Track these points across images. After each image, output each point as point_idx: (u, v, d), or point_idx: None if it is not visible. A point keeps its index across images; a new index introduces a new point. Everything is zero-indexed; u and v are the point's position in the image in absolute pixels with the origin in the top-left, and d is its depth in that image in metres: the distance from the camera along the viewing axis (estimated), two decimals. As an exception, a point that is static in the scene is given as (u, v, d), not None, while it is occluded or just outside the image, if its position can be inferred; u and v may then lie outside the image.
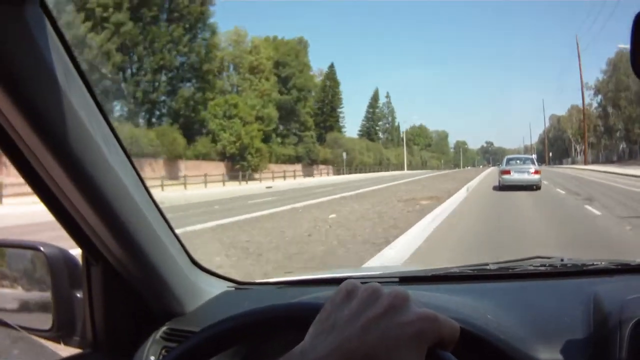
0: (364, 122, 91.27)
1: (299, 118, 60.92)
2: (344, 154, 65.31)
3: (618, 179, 24.44)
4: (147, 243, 1.01)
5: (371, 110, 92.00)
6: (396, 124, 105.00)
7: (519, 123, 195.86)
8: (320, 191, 22.88)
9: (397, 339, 0.50)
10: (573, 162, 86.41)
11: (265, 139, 49.95)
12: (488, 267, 1.31)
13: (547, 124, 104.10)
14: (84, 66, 0.85)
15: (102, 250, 1.00)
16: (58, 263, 1.06)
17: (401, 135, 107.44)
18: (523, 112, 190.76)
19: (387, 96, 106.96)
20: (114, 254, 1.00)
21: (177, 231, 1.13)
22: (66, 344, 1.09)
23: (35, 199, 0.94)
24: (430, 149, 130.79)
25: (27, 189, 0.91)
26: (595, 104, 77.00)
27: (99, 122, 0.88)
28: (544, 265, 1.31)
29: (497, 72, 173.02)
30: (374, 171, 70.14)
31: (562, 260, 1.33)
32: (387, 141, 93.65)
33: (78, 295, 1.07)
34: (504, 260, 1.39)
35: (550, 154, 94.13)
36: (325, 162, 64.07)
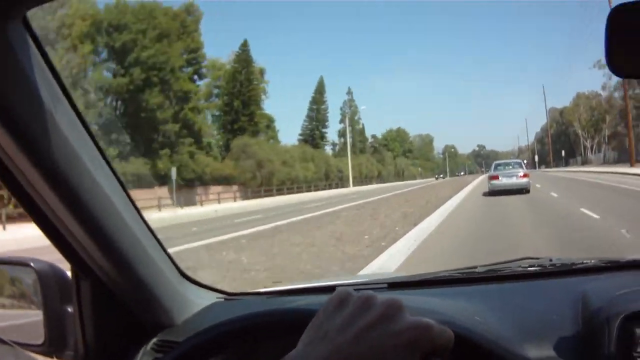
0: (305, 124, 70.30)
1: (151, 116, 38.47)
2: (259, 169, 44.36)
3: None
4: (135, 256, 1.03)
5: (314, 107, 70.46)
6: (360, 125, 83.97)
7: (513, 123, 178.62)
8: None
9: (389, 347, 0.50)
10: (585, 162, 66.13)
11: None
12: (476, 270, 1.31)
13: (547, 119, 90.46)
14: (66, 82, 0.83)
15: (91, 265, 1.02)
16: (48, 278, 1.07)
17: (367, 140, 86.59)
18: (516, 110, 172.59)
19: (349, 92, 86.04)
20: (103, 268, 1.02)
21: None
22: (59, 358, 1.10)
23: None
24: (411, 155, 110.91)
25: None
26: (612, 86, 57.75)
27: (84, 138, 0.90)
28: (533, 266, 1.30)
29: (485, 69, 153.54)
30: (311, 189, 49.30)
31: (550, 260, 1.33)
32: (343, 148, 72.66)
33: (69, 309, 1.08)
34: (493, 262, 1.38)
35: (537, 157, 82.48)
36: (227, 180, 42.73)
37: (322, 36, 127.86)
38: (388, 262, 7.27)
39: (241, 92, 50.81)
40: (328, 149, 73.14)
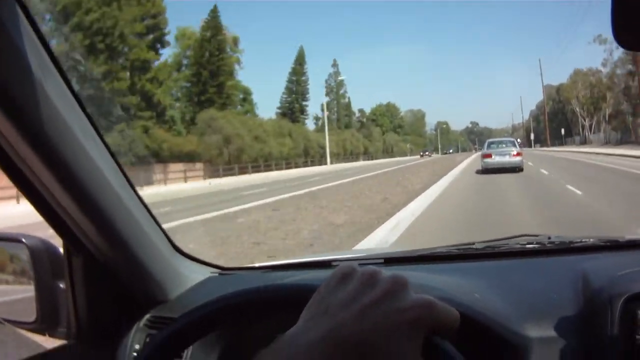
0: (284, 97, 65.71)
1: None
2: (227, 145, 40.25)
3: None
4: (127, 231, 1.01)
5: (294, 79, 65.96)
6: (346, 99, 79.61)
7: (507, 99, 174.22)
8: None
9: (393, 325, 0.48)
10: (584, 142, 62.85)
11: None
12: (474, 247, 1.29)
13: (543, 96, 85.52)
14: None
15: (83, 240, 1.00)
16: (40, 254, 1.05)
17: (353, 115, 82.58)
18: (511, 86, 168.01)
19: (335, 64, 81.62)
20: (95, 243, 1.00)
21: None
22: (51, 335, 1.09)
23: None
24: (402, 131, 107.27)
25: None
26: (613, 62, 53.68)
27: (77, 113, 0.89)
28: (531, 243, 1.29)
29: (479, 42, 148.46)
30: (288, 167, 45.46)
31: (549, 238, 1.32)
32: (330, 122, 68.13)
33: (61, 286, 1.06)
34: (491, 239, 1.36)
35: (532, 135, 79.68)
36: (190, 157, 38.51)
37: (306, 5, 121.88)
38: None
39: (210, 61, 46.40)
40: (310, 124, 68.71)
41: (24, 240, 1.06)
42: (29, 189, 0.91)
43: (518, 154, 19.18)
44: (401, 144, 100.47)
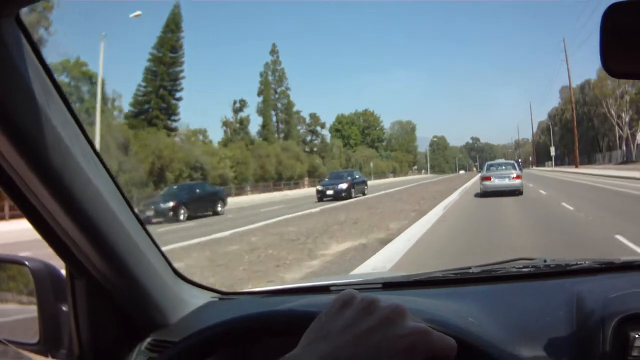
0: (142, 89, 42.02)
1: None
2: None
3: None
4: (129, 256, 1.03)
5: (158, 55, 42.09)
6: (287, 99, 57.87)
7: (512, 112, 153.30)
8: None
9: (389, 351, 0.50)
10: (627, 160, 41.51)
11: None
12: (470, 271, 1.30)
13: (559, 101, 68.39)
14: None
15: (86, 264, 1.01)
16: (43, 277, 1.08)
17: (303, 121, 61.38)
18: (516, 96, 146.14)
19: (274, 51, 59.95)
20: (97, 268, 1.02)
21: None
22: (53, 357, 1.10)
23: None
24: (381, 145, 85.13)
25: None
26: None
27: (77, 136, 0.90)
28: (527, 267, 1.30)
29: (482, 46, 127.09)
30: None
31: (545, 261, 1.33)
32: (235, 132, 45.72)
33: (64, 308, 1.08)
34: (487, 263, 1.37)
35: (553, 148, 57.67)
36: None
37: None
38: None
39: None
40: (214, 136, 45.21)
41: (26, 262, 1.08)
42: (32, 213, 0.92)
43: (518, 177, 18.84)
44: (380, 161, 77.81)
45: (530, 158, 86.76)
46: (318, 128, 64.68)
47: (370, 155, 75.03)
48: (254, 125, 64.86)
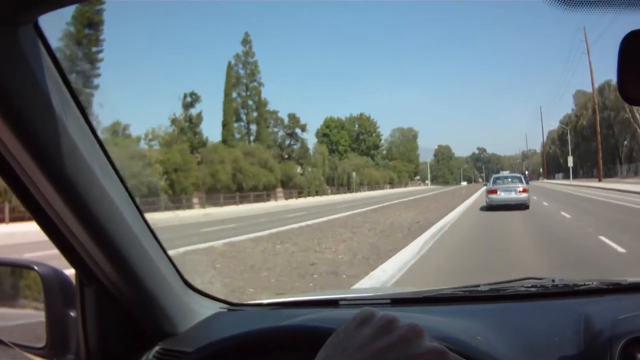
0: None
1: None
2: None
3: None
4: (139, 265, 1.03)
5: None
6: (258, 95, 50.75)
7: (520, 121, 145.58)
8: None
9: None
10: None
11: None
12: (479, 289, 1.30)
13: (572, 107, 63.44)
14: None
15: (96, 271, 1.02)
16: (52, 282, 1.08)
17: (280, 122, 54.27)
18: (525, 105, 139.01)
19: (247, 40, 52.71)
20: (107, 275, 1.02)
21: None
22: None
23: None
24: (378, 154, 77.07)
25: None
26: None
27: (93, 145, 0.91)
28: (535, 286, 1.30)
29: (487, 50, 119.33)
30: None
31: (553, 281, 1.33)
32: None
33: (72, 314, 1.09)
34: (496, 281, 1.36)
35: (571, 158, 48.06)
36: None
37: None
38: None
39: None
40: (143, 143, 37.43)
41: (35, 267, 1.08)
42: (45, 221, 0.92)
43: (524, 190, 18.65)
44: (374, 171, 69.94)
45: (541, 169, 77.93)
46: (298, 131, 56.90)
47: (361, 163, 66.85)
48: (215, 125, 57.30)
